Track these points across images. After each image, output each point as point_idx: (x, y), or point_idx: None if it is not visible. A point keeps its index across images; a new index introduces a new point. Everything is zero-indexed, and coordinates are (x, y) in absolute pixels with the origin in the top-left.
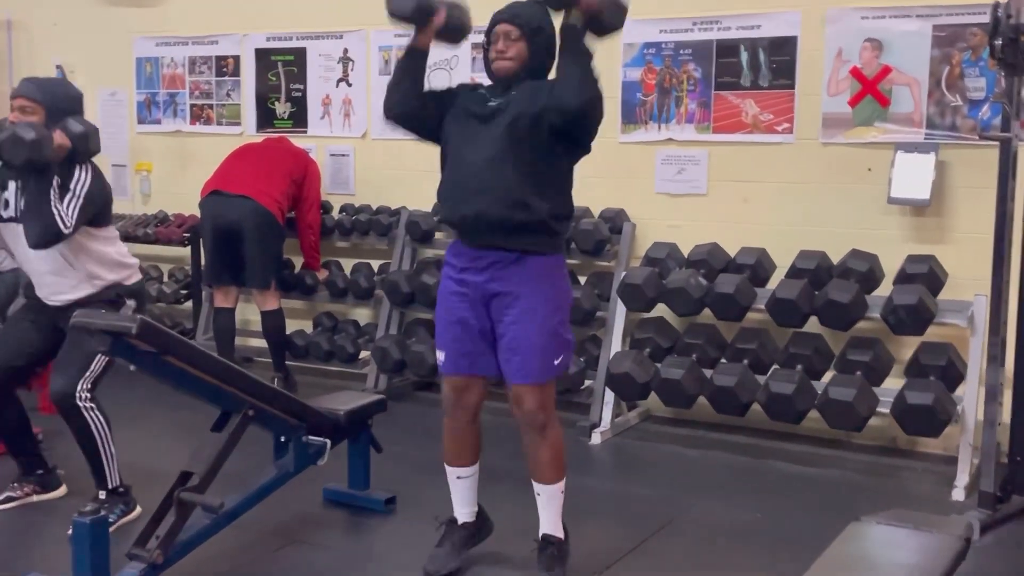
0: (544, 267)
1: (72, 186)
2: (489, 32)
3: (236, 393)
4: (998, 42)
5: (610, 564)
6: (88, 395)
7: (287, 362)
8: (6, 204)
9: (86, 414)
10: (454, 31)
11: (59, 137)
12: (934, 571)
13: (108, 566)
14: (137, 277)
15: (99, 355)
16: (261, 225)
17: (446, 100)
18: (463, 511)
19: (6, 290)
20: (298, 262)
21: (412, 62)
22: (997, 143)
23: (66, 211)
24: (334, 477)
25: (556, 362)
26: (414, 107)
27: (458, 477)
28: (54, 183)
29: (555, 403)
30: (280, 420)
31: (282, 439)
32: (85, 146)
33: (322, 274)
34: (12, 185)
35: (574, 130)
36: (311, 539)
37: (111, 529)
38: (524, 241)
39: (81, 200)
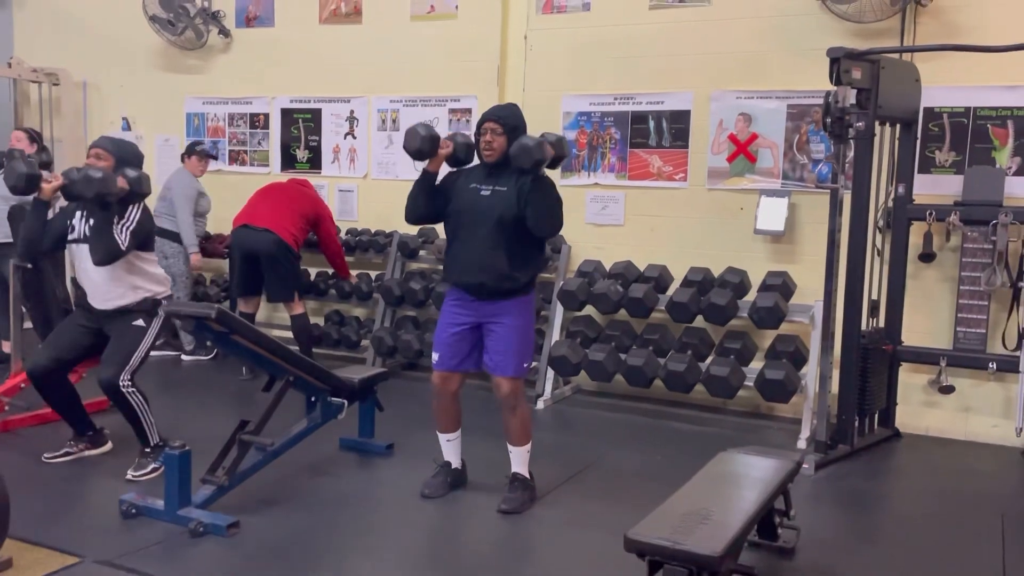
0: (521, 303)
1: (127, 216)
2: (479, 126)
3: (282, 363)
4: (829, 119)
5: (551, 490)
6: (129, 382)
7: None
8: (72, 229)
9: (129, 397)
10: (460, 161)
11: (120, 181)
12: (774, 481)
13: (190, 486)
14: (168, 293)
15: (138, 351)
16: (279, 252)
17: (448, 188)
18: (452, 460)
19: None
20: (313, 272)
21: (424, 183)
22: (828, 191)
23: (121, 236)
24: (346, 430)
25: (525, 365)
26: (429, 215)
27: (447, 440)
28: (115, 216)
29: (523, 391)
30: (312, 385)
31: (312, 399)
32: (139, 188)
33: (352, 279)
34: (77, 215)
35: None
36: (333, 472)
37: (156, 474)
38: (509, 295)
39: (133, 227)
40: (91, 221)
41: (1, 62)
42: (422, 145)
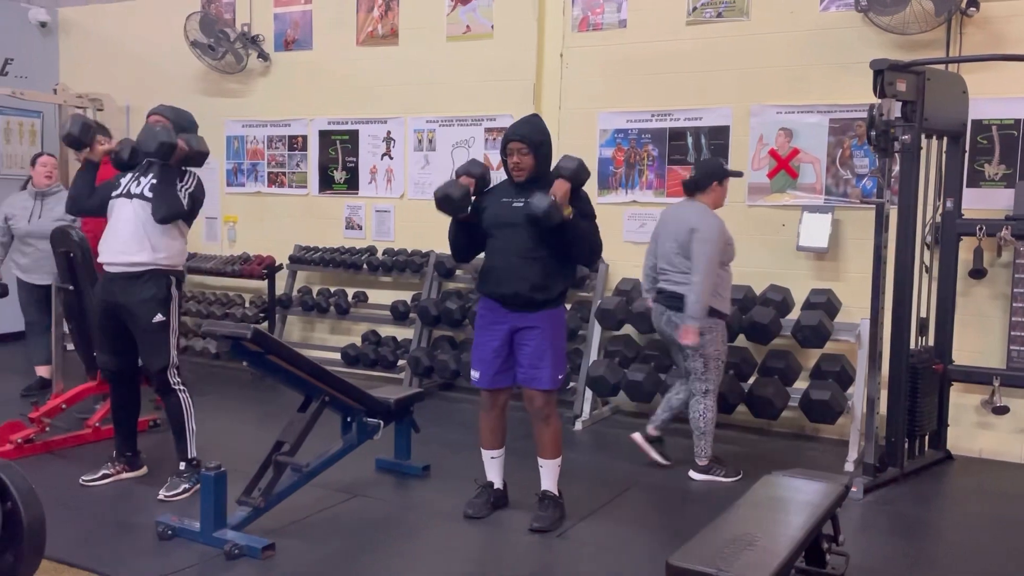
0: (552, 315)
1: (186, 180)
2: (504, 146)
3: (317, 384)
4: (873, 133)
5: (591, 512)
6: (180, 380)
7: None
8: (119, 186)
9: (180, 394)
10: (480, 189)
11: (180, 142)
12: (822, 505)
13: (225, 507)
14: (181, 269)
15: (172, 344)
16: None
17: (482, 206)
18: (495, 480)
19: None
20: (351, 292)
21: (460, 227)
22: (874, 206)
23: (182, 196)
24: (382, 450)
25: (560, 376)
26: (472, 252)
27: (491, 457)
28: (177, 177)
29: (556, 403)
30: (347, 405)
31: (348, 419)
32: (199, 147)
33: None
34: (127, 177)
35: None
36: (369, 494)
37: (188, 495)
38: (542, 305)
39: (192, 189)
40: (142, 181)
41: (47, 88)
42: (457, 208)
